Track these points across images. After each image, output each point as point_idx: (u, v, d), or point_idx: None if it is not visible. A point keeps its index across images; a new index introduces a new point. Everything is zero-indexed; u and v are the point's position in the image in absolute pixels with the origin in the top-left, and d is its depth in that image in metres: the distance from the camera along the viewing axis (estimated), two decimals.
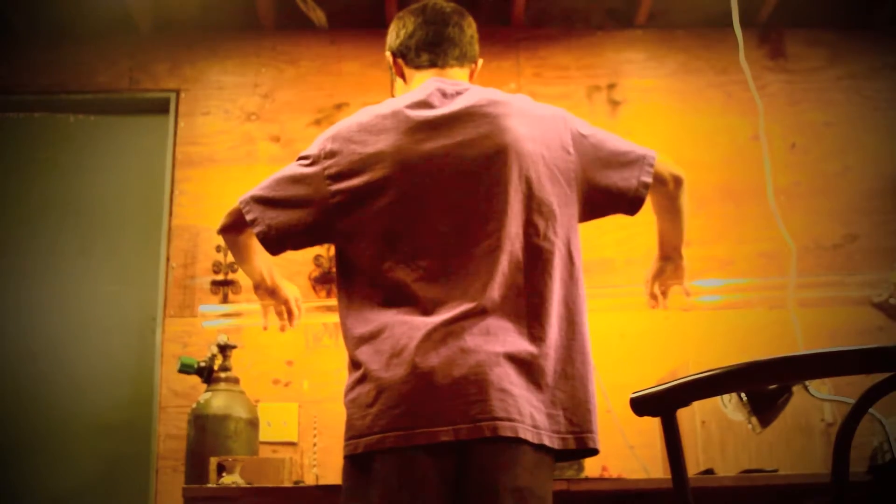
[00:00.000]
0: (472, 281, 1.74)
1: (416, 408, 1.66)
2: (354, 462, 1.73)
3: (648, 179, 1.91)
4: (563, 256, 1.82)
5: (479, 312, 1.72)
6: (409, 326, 1.71)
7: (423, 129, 1.83)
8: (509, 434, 1.64)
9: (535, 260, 1.77)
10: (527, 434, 1.67)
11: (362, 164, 1.82)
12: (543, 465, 1.71)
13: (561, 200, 1.84)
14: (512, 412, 1.66)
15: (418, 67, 2.00)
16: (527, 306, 1.75)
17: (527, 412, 1.68)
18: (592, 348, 1.84)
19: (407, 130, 1.83)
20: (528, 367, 1.71)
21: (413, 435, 1.65)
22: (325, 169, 1.85)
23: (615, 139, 1.95)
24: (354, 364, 1.79)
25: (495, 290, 1.73)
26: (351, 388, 1.78)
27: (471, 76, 2.04)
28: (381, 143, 1.83)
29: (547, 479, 1.72)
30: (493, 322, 1.72)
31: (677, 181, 1.99)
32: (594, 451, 1.79)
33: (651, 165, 1.92)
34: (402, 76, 2.04)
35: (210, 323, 2.79)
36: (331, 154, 1.85)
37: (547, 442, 1.70)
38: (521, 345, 1.72)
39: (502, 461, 1.65)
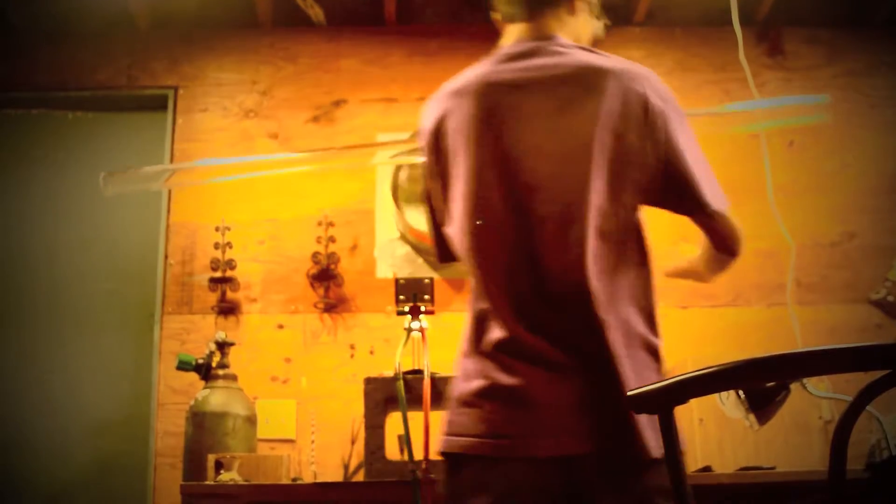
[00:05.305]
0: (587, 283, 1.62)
1: (522, 416, 1.56)
2: (451, 461, 1.63)
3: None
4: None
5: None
6: None
7: (507, 90, 1.74)
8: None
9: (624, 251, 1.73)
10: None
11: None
12: (654, 471, 1.55)
13: (635, 187, 1.76)
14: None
15: (509, 20, 1.87)
16: (638, 312, 1.68)
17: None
18: None
19: (490, 91, 1.73)
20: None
21: (520, 446, 1.55)
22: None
23: (700, 164, 1.82)
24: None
25: (623, 306, 1.65)
26: (459, 383, 1.67)
27: (572, 7, 1.92)
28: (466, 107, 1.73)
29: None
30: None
31: (733, 252, 1.92)
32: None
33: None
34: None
35: None
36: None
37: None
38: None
39: (611, 476, 1.55)
